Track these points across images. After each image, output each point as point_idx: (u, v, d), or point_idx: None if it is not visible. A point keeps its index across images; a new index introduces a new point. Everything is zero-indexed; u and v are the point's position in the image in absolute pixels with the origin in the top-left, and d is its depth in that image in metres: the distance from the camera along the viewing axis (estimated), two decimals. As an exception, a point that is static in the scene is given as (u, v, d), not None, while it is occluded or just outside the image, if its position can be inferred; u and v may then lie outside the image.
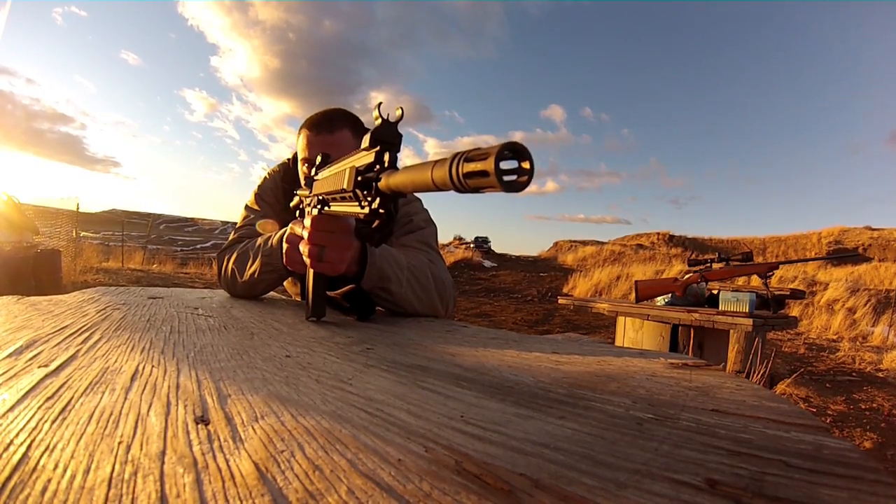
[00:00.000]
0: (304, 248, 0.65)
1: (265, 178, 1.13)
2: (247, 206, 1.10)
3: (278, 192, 1.08)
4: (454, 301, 0.92)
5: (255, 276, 0.88)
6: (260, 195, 1.10)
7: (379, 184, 0.40)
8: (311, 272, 0.68)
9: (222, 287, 1.02)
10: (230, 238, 1.05)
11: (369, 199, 0.44)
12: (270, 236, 0.88)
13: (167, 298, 0.85)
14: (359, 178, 0.44)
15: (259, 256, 0.87)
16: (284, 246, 0.76)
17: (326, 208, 0.60)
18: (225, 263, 0.96)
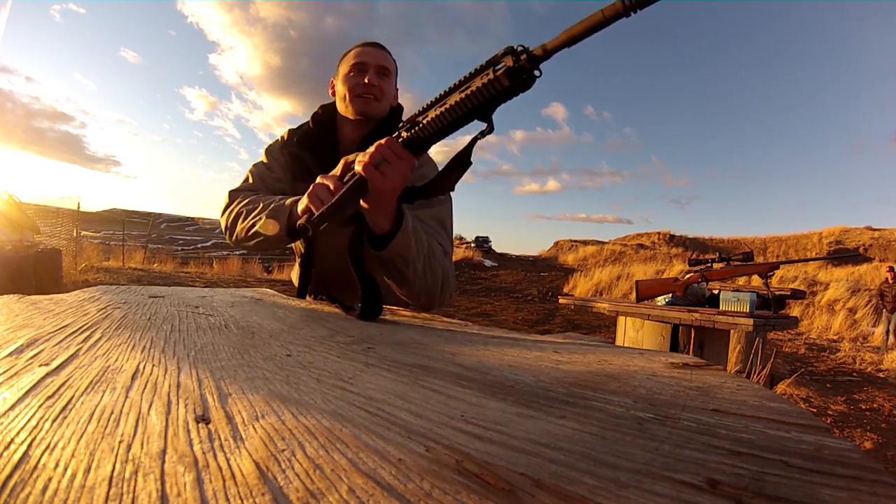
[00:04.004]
0: (362, 158, 0.63)
1: (272, 143, 1.10)
2: (255, 164, 1.07)
3: (285, 158, 1.04)
4: (451, 296, 0.91)
5: (253, 229, 0.86)
6: (270, 153, 1.06)
7: (534, 50, 0.45)
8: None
9: (221, 226, 1.00)
10: (240, 184, 1.04)
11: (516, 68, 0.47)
12: (285, 196, 0.86)
13: (168, 297, 0.85)
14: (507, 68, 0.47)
15: (267, 209, 0.84)
16: (313, 187, 0.71)
17: (405, 134, 0.61)
18: (234, 205, 0.95)
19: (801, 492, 0.18)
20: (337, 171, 0.70)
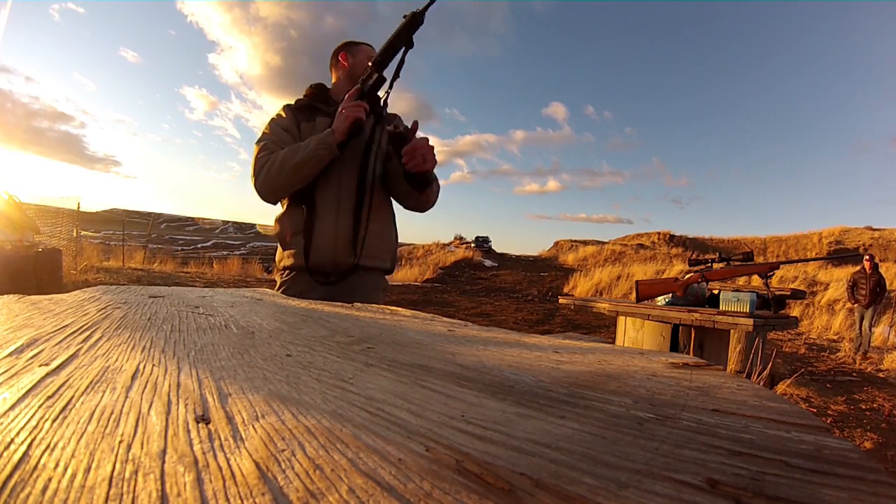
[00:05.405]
0: (371, 70, 1.22)
1: (274, 115, 1.37)
2: (264, 137, 1.31)
3: (290, 117, 1.34)
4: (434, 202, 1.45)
5: (308, 154, 1.18)
6: (275, 123, 1.33)
7: (423, 7, 1.15)
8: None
9: (257, 186, 1.26)
10: (257, 152, 1.27)
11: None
12: (313, 136, 1.22)
13: (168, 297, 0.85)
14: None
15: (311, 142, 1.19)
16: (342, 109, 1.19)
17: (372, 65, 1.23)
18: (269, 164, 1.22)
19: (801, 492, 0.18)
20: (346, 99, 1.23)
